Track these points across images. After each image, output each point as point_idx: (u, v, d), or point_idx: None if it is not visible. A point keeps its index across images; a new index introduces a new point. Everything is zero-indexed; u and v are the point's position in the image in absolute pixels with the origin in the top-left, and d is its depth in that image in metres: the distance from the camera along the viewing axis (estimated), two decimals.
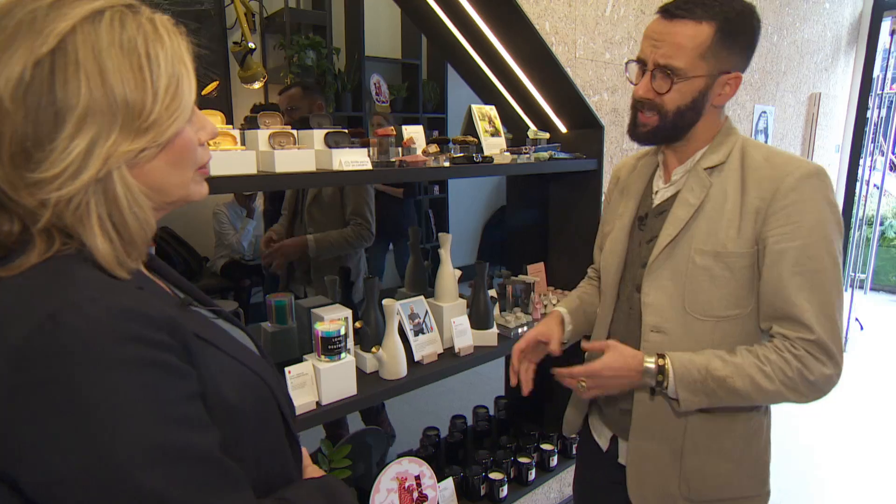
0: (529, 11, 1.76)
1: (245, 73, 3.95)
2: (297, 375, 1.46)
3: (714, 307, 1.10)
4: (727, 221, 1.08)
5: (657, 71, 1.06)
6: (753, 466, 1.21)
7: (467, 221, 5.73)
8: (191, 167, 0.69)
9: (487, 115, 1.97)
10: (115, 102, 0.58)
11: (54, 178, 0.55)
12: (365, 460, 2.01)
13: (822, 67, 3.64)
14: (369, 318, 1.68)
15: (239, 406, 0.68)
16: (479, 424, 2.27)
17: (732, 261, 1.08)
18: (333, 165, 1.42)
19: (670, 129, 1.11)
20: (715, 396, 1.06)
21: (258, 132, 1.40)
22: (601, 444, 1.36)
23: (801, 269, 1.02)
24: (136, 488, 0.54)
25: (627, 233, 1.26)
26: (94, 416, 0.53)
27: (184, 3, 3.90)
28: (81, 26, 0.57)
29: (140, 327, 0.57)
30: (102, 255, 0.59)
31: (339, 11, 4.43)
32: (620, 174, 1.39)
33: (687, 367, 1.06)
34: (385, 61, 4.71)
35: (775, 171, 1.06)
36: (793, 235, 1.03)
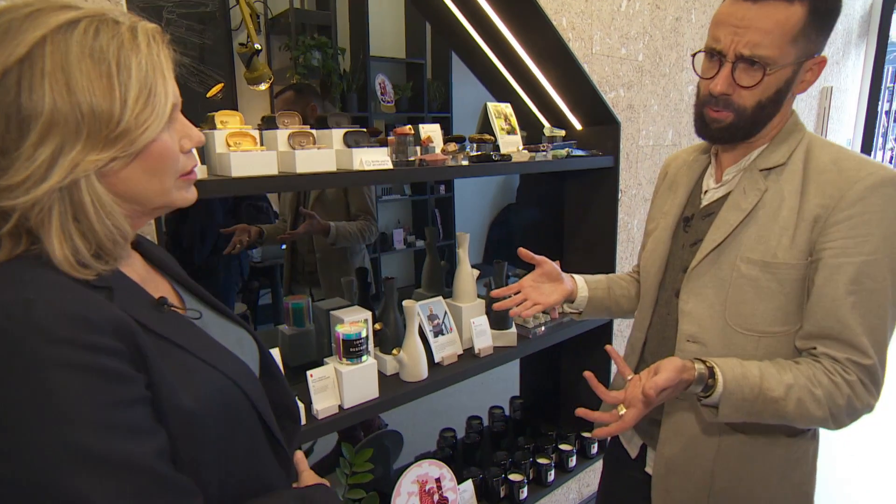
0: (546, 7, 1.72)
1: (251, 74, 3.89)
2: (318, 379, 1.42)
3: (758, 321, 0.99)
4: (781, 229, 0.97)
5: (741, 62, 0.93)
6: (793, 496, 1.09)
7: (473, 220, 5.69)
8: (171, 175, 0.68)
9: (503, 113, 1.93)
10: (80, 111, 0.57)
11: (19, 184, 0.56)
12: (383, 463, 1.98)
13: (833, 61, 3.59)
14: (388, 319, 1.65)
15: (197, 411, 0.65)
16: (496, 425, 2.24)
17: (782, 272, 0.96)
18: (354, 165, 1.38)
19: (749, 125, 0.98)
20: (758, 416, 0.94)
21: (277, 132, 1.36)
22: (630, 451, 1.29)
23: (858, 288, 0.91)
24: (62, 495, 0.53)
25: (671, 233, 1.16)
26: (19, 417, 0.53)
27: (188, 6, 3.85)
28: (53, 36, 0.57)
29: (77, 330, 0.55)
30: (58, 258, 0.59)
31: (343, 12, 4.38)
32: (669, 168, 1.28)
33: (739, 383, 0.91)
34: (390, 61, 4.66)
35: (843, 175, 0.93)
36: (854, 250, 0.91)
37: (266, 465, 0.78)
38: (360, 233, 2.32)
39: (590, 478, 2.26)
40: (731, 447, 1.05)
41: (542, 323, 1.97)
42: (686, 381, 0.92)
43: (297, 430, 0.97)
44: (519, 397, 2.41)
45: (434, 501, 1.79)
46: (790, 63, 0.93)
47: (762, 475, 1.06)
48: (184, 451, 0.64)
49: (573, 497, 2.20)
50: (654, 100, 2.21)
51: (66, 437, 0.54)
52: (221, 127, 1.32)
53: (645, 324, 1.21)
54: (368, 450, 1.57)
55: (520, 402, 2.38)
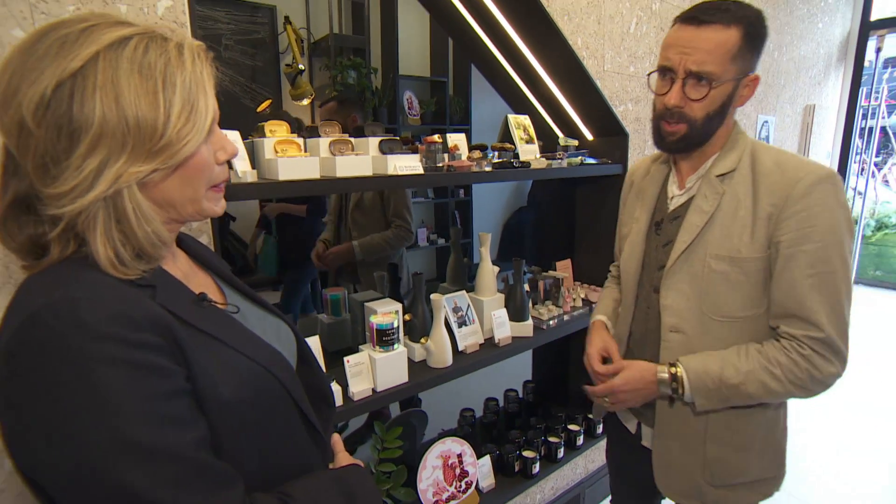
0: (563, 28, 1.64)
1: (295, 91, 3.87)
2: (354, 364, 1.37)
3: (731, 308, 1.01)
4: (741, 227, 0.98)
5: (689, 78, 0.94)
6: (773, 452, 1.12)
7: (489, 221, 5.62)
8: (203, 185, 0.64)
9: (522, 124, 1.85)
10: (127, 125, 0.54)
11: (66, 193, 0.53)
12: (410, 439, 1.92)
13: (815, 81, 3.45)
14: (417, 311, 1.58)
15: (234, 400, 0.61)
16: (510, 406, 2.16)
17: (747, 265, 0.98)
18: (388, 170, 1.32)
19: (701, 135, 1.00)
20: (729, 401, 1.00)
21: (319, 140, 1.30)
22: (629, 427, 1.28)
23: (813, 272, 0.93)
24: (106, 481, 0.50)
25: (644, 236, 1.15)
26: (68, 409, 0.50)
27: (243, 33, 3.83)
28: (106, 52, 0.54)
29: (119, 327, 0.52)
30: (102, 260, 0.56)
31: (376, 36, 4.34)
32: (635, 177, 1.27)
33: (701, 378, 0.98)
34: (416, 79, 4.62)
35: (786, 176, 0.95)
36: (805, 239, 0.93)
37: (303, 447, 0.73)
38: (386, 243, 2.19)
39: (595, 455, 2.18)
40: (717, 421, 1.07)
41: (556, 315, 1.89)
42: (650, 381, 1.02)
43: (332, 414, 0.92)
44: (531, 381, 2.34)
45: (456, 475, 1.73)
46: (731, 79, 0.95)
47: (746, 440, 1.08)
48: (224, 439, 0.61)
49: (580, 472, 2.12)
50: None
51: (111, 428, 0.51)
52: (270, 135, 1.26)
53: (628, 318, 1.20)
54: (398, 428, 1.52)
55: (532, 385, 2.30)
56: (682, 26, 0.95)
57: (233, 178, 1.13)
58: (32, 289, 0.55)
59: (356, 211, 2.26)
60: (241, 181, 1.12)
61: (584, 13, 1.70)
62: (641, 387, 1.04)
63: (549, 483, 1.99)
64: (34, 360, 0.50)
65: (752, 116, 2.84)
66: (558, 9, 1.62)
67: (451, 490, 1.71)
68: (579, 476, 2.12)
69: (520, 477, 1.90)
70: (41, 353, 0.50)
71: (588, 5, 1.71)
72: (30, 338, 0.50)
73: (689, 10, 0.96)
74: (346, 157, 1.26)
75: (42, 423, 0.50)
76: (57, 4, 0.89)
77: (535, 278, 2.00)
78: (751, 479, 1.10)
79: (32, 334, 0.50)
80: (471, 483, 1.75)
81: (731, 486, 1.10)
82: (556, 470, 1.99)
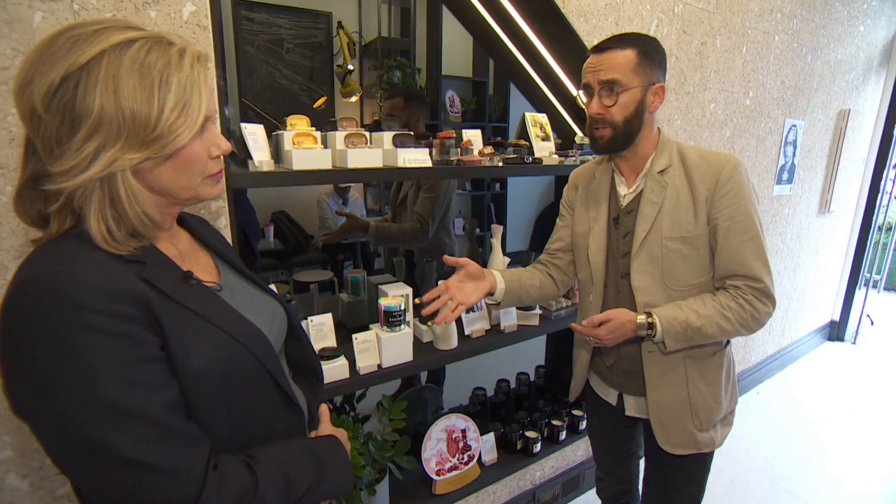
0: (579, 29, 1.53)
1: (345, 89, 3.89)
2: (362, 341, 1.35)
3: (688, 278, 1.12)
4: (685, 211, 1.09)
5: (603, 90, 1.06)
6: (732, 386, 1.24)
7: (523, 213, 5.50)
8: (197, 175, 0.64)
9: (539, 122, 1.76)
10: (123, 116, 0.55)
11: (66, 171, 0.54)
12: (422, 411, 1.90)
13: (853, 85, 3.11)
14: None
15: (205, 369, 0.61)
16: (521, 388, 2.11)
17: (695, 240, 1.09)
18: (398, 163, 1.28)
19: (623, 136, 1.09)
20: (692, 340, 1.10)
21: (336, 133, 1.28)
22: (609, 400, 1.32)
23: (746, 238, 1.06)
24: (80, 435, 0.52)
25: (605, 231, 1.21)
26: (51, 372, 0.51)
27: (302, 38, 3.88)
28: (111, 51, 0.55)
29: (96, 298, 0.53)
30: (94, 235, 0.57)
31: (422, 38, 4.28)
32: (579, 182, 1.32)
33: (671, 323, 1.08)
34: (458, 79, 4.54)
35: (711, 166, 1.08)
36: (735, 213, 1.05)
37: (275, 416, 0.72)
38: (401, 233, 2.07)
39: None
40: (692, 375, 1.16)
41: (564, 306, 1.81)
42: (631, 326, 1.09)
43: (319, 386, 0.91)
44: (543, 366, 2.27)
45: (459, 448, 1.70)
46: (637, 86, 1.05)
47: (715, 380, 1.18)
48: (197, 405, 0.61)
49: (581, 454, 2.04)
50: (678, 115, 1.96)
51: (86, 387, 0.52)
52: (290, 128, 1.25)
53: (599, 303, 1.24)
54: (403, 402, 1.49)
55: (543, 370, 2.23)
56: (592, 55, 1.08)
57: (250, 168, 1.13)
58: (28, 260, 0.57)
59: (400, 205, 2.19)
60: (257, 170, 1.12)
61: (601, 15, 1.58)
62: (622, 331, 1.11)
63: (550, 462, 1.93)
64: (20, 324, 0.52)
65: (779, 120, 2.59)
66: (574, 10, 1.51)
67: (453, 461, 1.68)
68: (580, 458, 2.04)
69: (521, 454, 1.85)
70: (25, 318, 0.51)
71: (606, 7, 1.59)
72: (17, 304, 0.52)
73: (595, 44, 1.09)
74: (357, 149, 1.23)
75: (27, 378, 0.52)
76: (96, 12, 0.90)
77: None
78: (723, 415, 1.21)
79: (20, 301, 0.52)
80: (473, 456, 1.72)
81: (713, 426, 1.19)
82: (558, 451, 1.92)
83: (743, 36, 2.19)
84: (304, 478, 0.67)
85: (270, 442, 0.69)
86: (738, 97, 2.29)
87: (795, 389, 3.09)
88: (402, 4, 4.14)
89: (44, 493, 1.02)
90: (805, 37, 2.57)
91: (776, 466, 2.33)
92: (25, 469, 1.00)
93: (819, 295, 3.51)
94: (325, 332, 1.36)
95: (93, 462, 0.53)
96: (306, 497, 0.67)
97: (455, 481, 1.68)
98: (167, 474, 0.54)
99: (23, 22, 0.83)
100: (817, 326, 3.64)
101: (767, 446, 2.49)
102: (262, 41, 3.75)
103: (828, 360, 3.52)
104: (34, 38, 0.84)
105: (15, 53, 0.83)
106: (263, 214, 3.80)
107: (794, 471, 2.30)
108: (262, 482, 0.62)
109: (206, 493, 0.56)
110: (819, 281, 3.45)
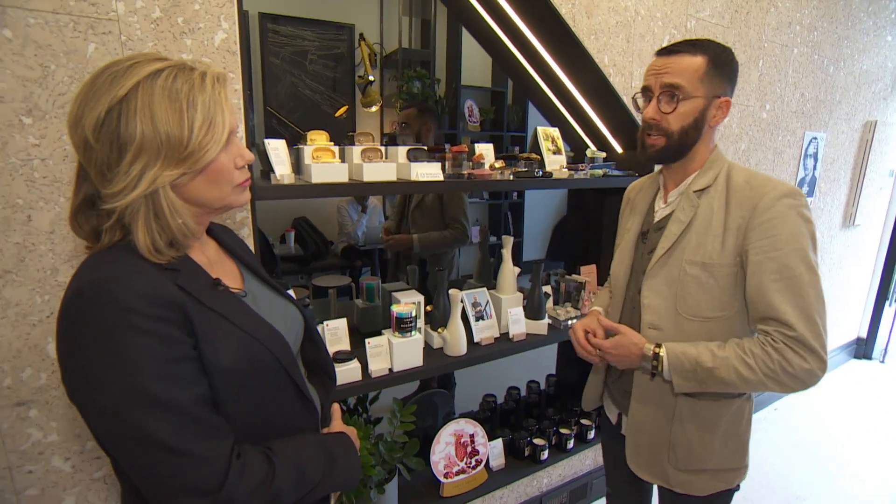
0: (590, 47, 1.60)
1: (365, 99, 4.02)
2: (374, 346, 1.43)
3: (701, 309, 1.04)
4: (713, 236, 1.02)
5: (663, 94, 1.00)
6: (736, 443, 1.13)
7: (540, 224, 5.53)
8: (227, 185, 0.71)
9: (551, 136, 1.83)
10: (160, 138, 0.62)
11: (118, 192, 0.62)
12: (433, 415, 1.97)
13: (880, 97, 3.08)
14: (438, 303, 1.62)
15: (231, 367, 0.68)
16: (531, 396, 2.15)
17: (717, 270, 1.01)
18: (412, 176, 1.36)
19: (676, 147, 1.04)
20: (704, 384, 1.00)
21: (353, 148, 1.37)
22: (611, 418, 1.32)
23: (779, 277, 0.94)
24: (125, 422, 0.59)
25: (633, 245, 1.19)
26: (100, 365, 0.59)
27: (326, 49, 4.02)
28: (144, 81, 0.62)
29: (141, 303, 0.60)
30: (141, 246, 0.65)
31: (441, 49, 4.39)
32: (631, 195, 1.30)
33: (679, 358, 1.01)
34: (477, 89, 4.62)
35: (754, 192, 0.99)
36: (770, 247, 0.95)
37: (292, 412, 0.79)
38: (443, 240, 2.22)
39: None
40: (682, 409, 1.09)
41: (573, 316, 1.86)
42: (636, 353, 1.05)
43: (332, 386, 0.98)
44: (554, 375, 2.31)
45: (467, 452, 1.76)
46: (700, 96, 0.99)
47: (709, 423, 1.09)
48: (223, 399, 0.68)
49: (589, 463, 2.08)
50: None
51: (130, 381, 0.59)
52: (310, 143, 1.34)
53: (616, 318, 1.23)
54: (413, 405, 1.57)
55: (554, 379, 2.28)
56: (657, 57, 1.04)
57: (273, 181, 1.22)
58: (83, 268, 0.65)
59: (416, 210, 2.30)
60: (279, 183, 1.21)
61: (611, 32, 1.64)
62: (627, 355, 1.06)
63: (558, 470, 1.97)
64: (77, 324, 0.60)
65: (798, 133, 2.59)
66: (584, 29, 1.58)
67: (461, 465, 1.74)
68: (588, 467, 2.08)
69: (529, 461, 1.90)
70: (81, 319, 0.60)
71: (616, 25, 1.65)
72: (75, 307, 0.61)
73: (664, 46, 1.04)
74: (373, 163, 1.32)
75: (81, 371, 0.61)
76: (140, 42, 1.01)
77: (560, 281, 1.97)
78: (713, 468, 1.11)
79: (77, 304, 0.60)
80: (480, 461, 1.78)
81: (694, 472, 1.11)
82: (565, 459, 1.96)
83: (759, 49, 2.22)
84: (316, 469, 0.74)
85: (287, 435, 0.77)
86: (754, 110, 2.31)
87: (816, 406, 3.05)
88: (422, 16, 4.25)
89: (83, 476, 1.13)
90: (826, 49, 2.57)
91: (793, 485, 2.31)
92: (68, 452, 1.11)
93: (844, 310, 3.46)
94: (339, 335, 1.44)
95: (132, 445, 0.60)
96: (317, 487, 0.74)
97: (462, 485, 1.74)
98: (196, 460, 0.61)
99: (78, 53, 0.94)
100: (842, 343, 3.57)
101: (785, 464, 2.47)
102: (287, 53, 3.91)
103: (853, 377, 3.46)
104: (88, 66, 0.95)
105: (71, 80, 0.94)
106: (285, 220, 3.94)
107: (812, 491, 2.28)
108: (278, 471, 0.69)
109: (230, 479, 0.63)
110: (844, 296, 3.40)
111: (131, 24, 0.99)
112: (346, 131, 1.48)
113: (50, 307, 1.03)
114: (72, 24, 0.94)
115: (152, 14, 1.01)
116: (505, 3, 1.59)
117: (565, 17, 1.52)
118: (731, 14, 2.01)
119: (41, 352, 1.03)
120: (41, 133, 0.94)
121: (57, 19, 0.92)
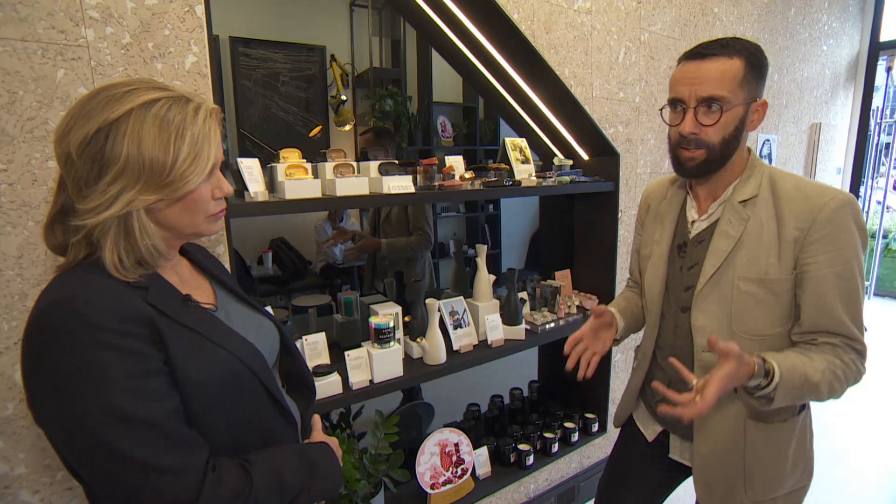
0: (550, 60, 1.67)
1: (338, 118, 4.06)
2: (354, 358, 1.44)
3: (760, 327, 0.98)
4: (767, 250, 0.95)
5: (701, 106, 0.93)
6: (805, 461, 1.08)
7: (516, 235, 5.61)
8: (201, 214, 0.73)
9: (518, 146, 1.88)
10: (143, 163, 0.63)
11: (91, 210, 0.63)
12: (416, 428, 1.97)
13: (822, 101, 3.28)
14: (416, 313, 1.64)
15: (203, 381, 0.68)
16: (514, 403, 2.18)
17: (775, 286, 0.95)
18: (383, 190, 1.39)
19: (720, 158, 0.97)
20: (799, 398, 0.92)
21: (326, 164, 1.40)
22: (647, 435, 1.22)
23: (841, 291, 0.92)
24: (93, 439, 0.58)
25: (666, 259, 1.12)
26: (67, 382, 0.58)
27: (298, 70, 4.06)
28: (138, 109, 0.64)
29: (108, 319, 0.60)
30: (108, 264, 0.65)
31: (412, 67, 4.47)
32: (651, 201, 1.22)
33: (791, 374, 0.89)
34: (449, 105, 4.71)
35: (810, 202, 0.93)
36: (833, 261, 0.91)
37: (270, 424, 0.79)
38: (408, 245, 2.41)
39: (591, 451, 2.16)
40: (754, 435, 1.03)
41: (550, 321, 1.90)
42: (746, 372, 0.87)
43: (312, 398, 0.98)
44: (536, 381, 2.33)
45: (452, 461, 1.76)
46: (741, 103, 0.94)
47: (781, 450, 1.04)
48: (196, 413, 0.68)
49: (574, 466, 2.10)
50: (651, 134, 2.09)
51: (99, 397, 0.59)
52: (283, 161, 1.37)
53: (654, 334, 1.16)
54: (396, 416, 1.57)
55: (536, 385, 2.30)
56: (688, 62, 0.95)
57: (247, 198, 1.24)
58: (49, 288, 0.65)
59: (385, 223, 2.48)
60: (253, 200, 1.23)
61: (570, 46, 1.72)
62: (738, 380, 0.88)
63: (544, 475, 1.99)
64: (43, 343, 0.60)
65: (753, 135, 2.73)
66: (545, 44, 1.65)
67: (447, 475, 1.75)
68: (574, 470, 2.10)
69: (515, 467, 1.91)
70: (46, 337, 0.60)
71: (574, 39, 1.73)
72: (40, 325, 0.60)
73: (693, 49, 0.96)
74: (345, 178, 1.35)
75: (48, 390, 0.60)
76: (110, 67, 1.02)
77: (535, 286, 2.02)
78: (787, 491, 1.06)
79: (42, 322, 0.60)
80: (466, 470, 1.79)
81: (771, 500, 1.05)
82: (551, 463, 1.98)
83: None
84: (296, 477, 0.75)
85: (266, 447, 0.77)
86: None
87: None
88: (392, 37, 4.34)
89: None
90: (770, 57, 2.72)
91: None
92: (37, 485, 1.08)
93: None
94: (318, 349, 1.45)
95: (102, 463, 0.59)
96: (300, 496, 0.74)
97: (450, 495, 1.74)
98: (169, 474, 0.61)
99: (47, 79, 0.95)
100: None
101: None
102: (259, 75, 3.93)
103: None
104: (57, 91, 0.96)
105: (40, 105, 0.95)
106: (262, 242, 3.92)
107: None
108: (256, 482, 0.69)
109: (205, 492, 0.63)
110: None
111: (101, 50, 1.00)
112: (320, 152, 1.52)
113: (17, 334, 1.01)
114: (40, 51, 0.95)
115: (122, 40, 1.02)
116: (468, 23, 1.66)
117: (525, 33, 1.59)
118: (681, 27, 2.12)
119: (8, 380, 1.01)
120: (9, 158, 0.95)
121: (25, 46, 0.93)
